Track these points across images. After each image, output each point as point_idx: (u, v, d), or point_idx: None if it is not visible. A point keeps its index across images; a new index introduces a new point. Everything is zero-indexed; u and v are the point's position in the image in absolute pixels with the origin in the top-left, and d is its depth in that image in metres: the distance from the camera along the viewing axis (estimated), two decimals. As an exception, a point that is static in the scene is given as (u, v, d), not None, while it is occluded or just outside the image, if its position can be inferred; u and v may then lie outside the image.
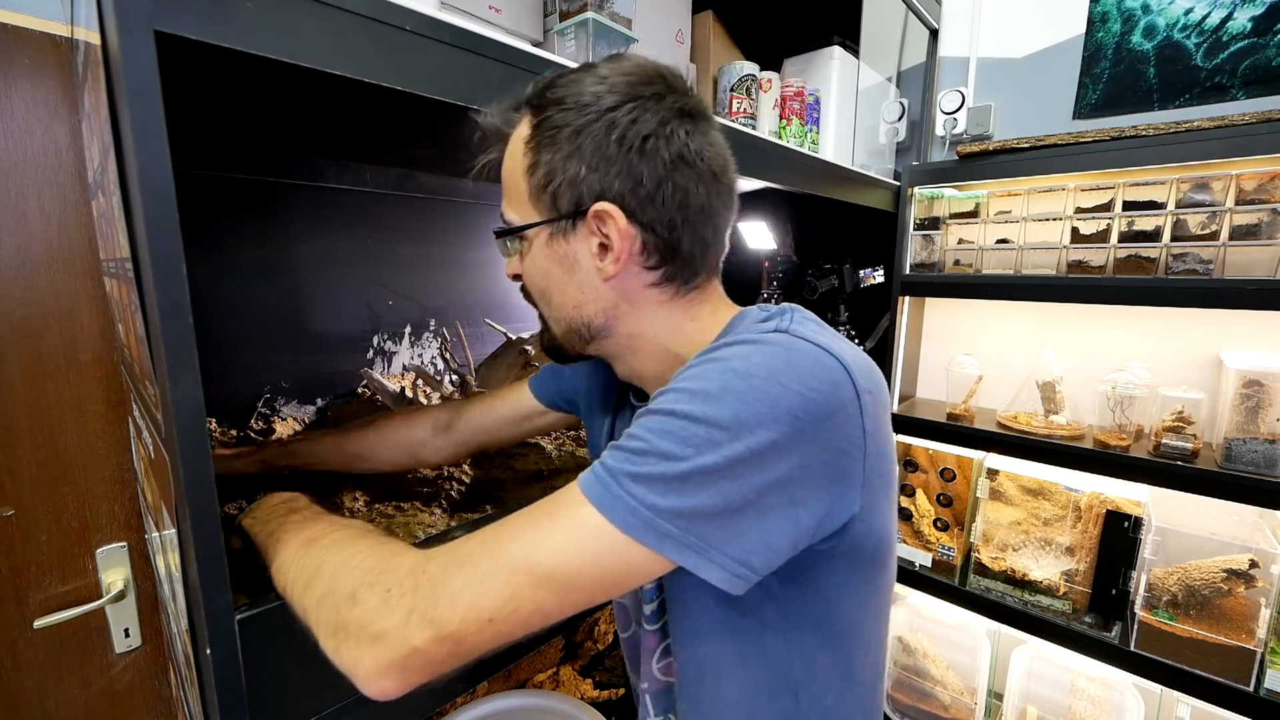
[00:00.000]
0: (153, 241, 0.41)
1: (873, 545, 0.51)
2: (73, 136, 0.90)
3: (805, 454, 0.43)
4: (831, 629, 0.55)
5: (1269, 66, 1.30)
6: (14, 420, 0.88)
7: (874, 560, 0.53)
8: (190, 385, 0.43)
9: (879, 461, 0.49)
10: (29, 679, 0.93)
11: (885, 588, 0.58)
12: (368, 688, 0.41)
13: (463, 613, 0.40)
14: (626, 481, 0.42)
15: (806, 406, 0.43)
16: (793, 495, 0.44)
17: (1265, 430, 1.20)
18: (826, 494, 0.45)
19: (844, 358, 0.46)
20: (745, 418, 0.42)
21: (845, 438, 0.45)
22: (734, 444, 0.41)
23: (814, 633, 0.54)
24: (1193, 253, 1.27)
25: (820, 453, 0.44)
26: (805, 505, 0.44)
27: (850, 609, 0.55)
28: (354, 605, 0.42)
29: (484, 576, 0.41)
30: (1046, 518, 1.46)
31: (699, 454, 0.41)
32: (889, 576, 0.58)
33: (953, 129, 1.65)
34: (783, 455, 0.42)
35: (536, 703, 1.07)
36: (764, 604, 0.53)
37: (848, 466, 0.46)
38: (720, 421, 0.42)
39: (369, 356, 1.22)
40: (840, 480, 0.46)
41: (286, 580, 0.49)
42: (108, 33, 0.42)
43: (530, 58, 0.67)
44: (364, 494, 0.85)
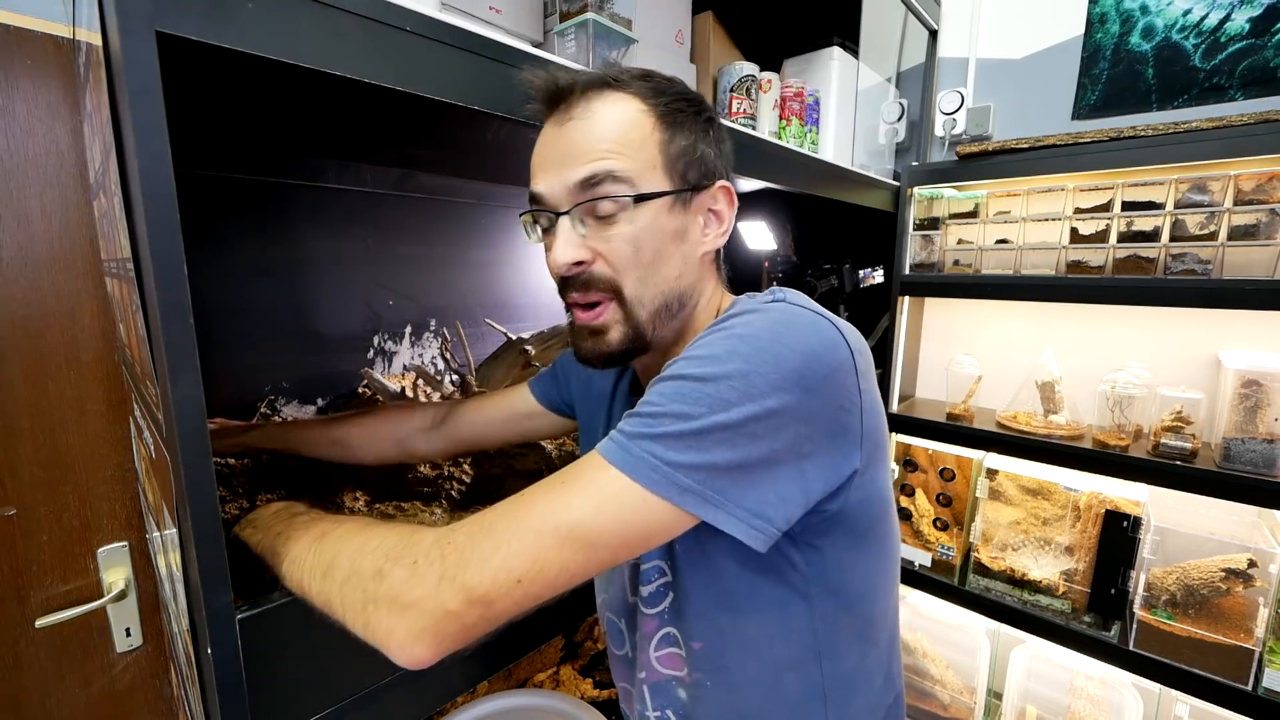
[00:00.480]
0: (154, 242, 0.41)
1: (878, 503, 0.55)
2: (74, 137, 0.90)
3: (810, 410, 0.46)
4: (849, 592, 0.57)
5: (1267, 67, 1.31)
6: (15, 420, 0.88)
7: (880, 519, 0.56)
8: (191, 385, 0.44)
9: (873, 418, 0.52)
10: (30, 678, 0.93)
11: (893, 550, 0.61)
12: (401, 656, 0.42)
13: (492, 575, 0.41)
14: (645, 442, 0.45)
15: (809, 363, 0.46)
16: (799, 449, 0.46)
17: (1264, 430, 1.20)
18: (830, 448, 0.48)
19: (835, 322, 0.51)
20: (753, 377, 0.45)
21: (845, 394, 0.48)
22: (744, 402, 0.44)
23: (834, 597, 0.56)
24: (1191, 253, 1.27)
25: (823, 409, 0.47)
26: (812, 459, 0.47)
27: (865, 570, 0.57)
28: (381, 580, 0.43)
29: (511, 540, 0.43)
30: (1046, 517, 1.47)
31: (711, 412, 0.44)
32: (894, 539, 0.61)
33: (952, 129, 1.65)
34: (789, 411, 0.45)
35: (536, 702, 1.07)
36: (785, 570, 0.55)
37: (847, 422, 0.49)
38: (730, 381, 0.45)
39: (369, 356, 1.22)
40: (842, 435, 0.49)
41: (302, 574, 0.49)
42: (109, 33, 0.42)
43: (530, 58, 0.67)
44: (364, 494, 0.85)
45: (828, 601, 0.56)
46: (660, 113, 0.55)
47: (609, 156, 0.53)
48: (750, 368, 0.45)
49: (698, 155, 0.57)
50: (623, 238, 0.54)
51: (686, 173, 0.56)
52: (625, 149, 0.54)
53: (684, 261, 0.58)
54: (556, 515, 0.43)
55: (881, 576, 0.60)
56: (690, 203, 0.57)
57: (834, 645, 0.58)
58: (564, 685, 1.35)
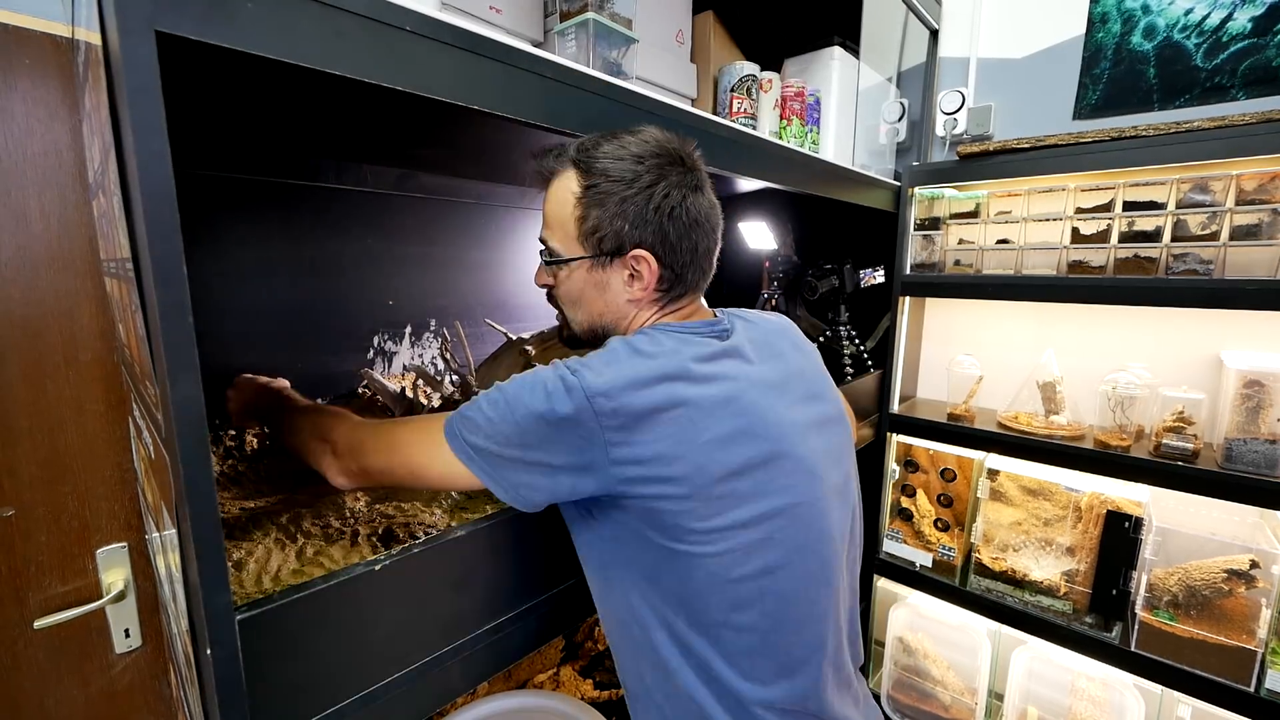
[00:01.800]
0: (153, 241, 0.41)
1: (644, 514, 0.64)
2: (73, 137, 0.90)
3: (538, 444, 0.62)
4: (640, 574, 0.67)
5: (1269, 67, 1.30)
6: (14, 420, 0.88)
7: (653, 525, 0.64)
8: (190, 385, 0.43)
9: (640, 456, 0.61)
10: (29, 679, 0.93)
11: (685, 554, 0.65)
12: (333, 481, 0.70)
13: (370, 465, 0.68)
14: (458, 420, 0.64)
15: (535, 414, 0.61)
16: (538, 465, 0.62)
17: (1266, 430, 1.20)
18: (568, 473, 0.62)
19: (586, 384, 0.61)
20: (512, 405, 0.62)
21: (575, 440, 0.61)
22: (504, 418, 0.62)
23: (625, 571, 0.68)
24: (1193, 253, 1.27)
25: (550, 446, 0.62)
26: (553, 473, 0.63)
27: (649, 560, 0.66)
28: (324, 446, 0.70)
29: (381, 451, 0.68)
30: (1047, 518, 1.46)
31: (489, 413, 0.63)
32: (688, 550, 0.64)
33: (953, 129, 1.65)
34: (525, 438, 0.61)
35: (536, 703, 1.07)
36: (587, 544, 0.71)
37: (583, 460, 0.62)
38: (504, 399, 0.63)
39: (369, 356, 1.22)
40: (579, 467, 0.62)
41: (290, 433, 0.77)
42: (108, 33, 0.42)
43: (530, 58, 0.67)
44: (365, 494, 0.85)
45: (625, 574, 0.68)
46: (582, 195, 0.70)
47: (548, 229, 0.74)
48: (512, 399, 0.62)
49: (610, 230, 0.70)
50: (560, 282, 0.76)
51: (601, 244, 0.70)
52: (557, 225, 0.73)
53: (607, 305, 0.74)
54: (408, 456, 0.66)
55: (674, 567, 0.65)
56: (610, 264, 0.72)
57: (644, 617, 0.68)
58: (564, 686, 1.35)
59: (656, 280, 0.72)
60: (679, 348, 0.66)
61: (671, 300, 0.75)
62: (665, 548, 0.64)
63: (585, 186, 0.70)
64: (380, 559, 0.59)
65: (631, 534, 0.65)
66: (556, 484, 0.63)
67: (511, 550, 0.73)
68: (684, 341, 0.68)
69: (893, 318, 1.68)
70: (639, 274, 0.72)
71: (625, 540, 0.66)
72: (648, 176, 0.69)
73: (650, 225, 0.70)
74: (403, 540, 0.74)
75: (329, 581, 0.55)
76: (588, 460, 0.62)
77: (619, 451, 0.61)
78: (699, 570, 0.64)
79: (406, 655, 0.63)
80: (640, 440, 0.61)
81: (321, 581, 0.55)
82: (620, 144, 0.70)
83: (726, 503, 0.64)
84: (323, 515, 0.79)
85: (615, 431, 0.61)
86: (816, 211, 1.80)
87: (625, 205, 0.69)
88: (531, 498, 0.64)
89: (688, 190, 0.72)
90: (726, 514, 0.64)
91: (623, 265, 0.71)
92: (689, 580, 0.65)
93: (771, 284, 1.75)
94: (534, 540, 0.75)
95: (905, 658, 1.72)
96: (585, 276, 0.73)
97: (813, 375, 0.80)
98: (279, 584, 0.65)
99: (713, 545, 0.64)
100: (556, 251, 0.73)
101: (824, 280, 1.64)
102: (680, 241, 0.71)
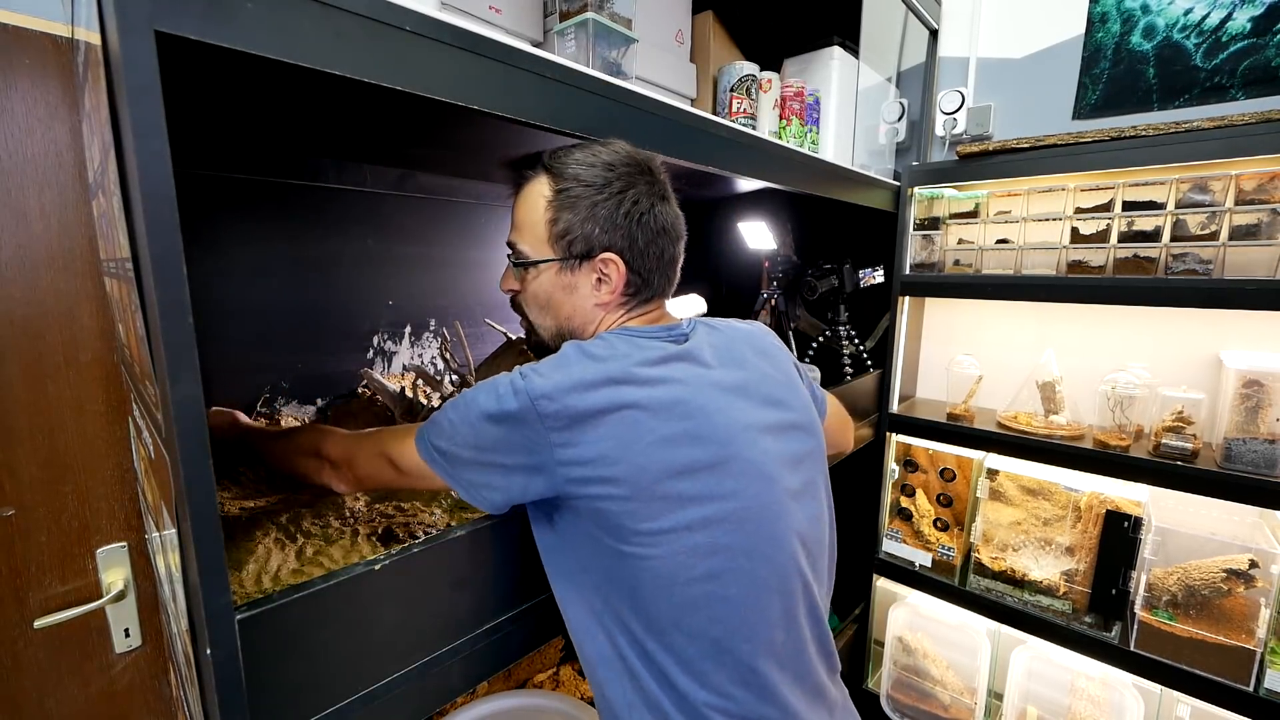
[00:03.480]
0: (153, 241, 0.41)
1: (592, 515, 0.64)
2: (73, 136, 0.90)
3: (490, 446, 0.64)
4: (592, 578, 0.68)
5: (1268, 67, 1.30)
6: (14, 420, 0.88)
7: (601, 527, 0.64)
8: (190, 385, 0.43)
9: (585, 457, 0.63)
10: (29, 679, 0.93)
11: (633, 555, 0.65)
12: (335, 489, 0.75)
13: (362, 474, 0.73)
14: (426, 425, 0.68)
15: (486, 418, 0.64)
16: (492, 466, 0.65)
17: (1265, 430, 1.20)
18: (521, 474, 0.64)
19: (532, 386, 0.63)
20: (466, 410, 0.65)
21: (530, 439, 0.63)
22: (461, 422, 0.65)
23: (581, 574, 0.69)
24: (1192, 253, 1.27)
25: (500, 449, 0.64)
26: (508, 474, 0.64)
27: (602, 563, 0.66)
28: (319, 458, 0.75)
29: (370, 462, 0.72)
30: (1046, 518, 1.46)
31: (450, 416, 0.66)
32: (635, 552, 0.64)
33: (952, 129, 1.65)
34: (478, 441, 0.64)
35: (536, 703, 1.07)
36: (546, 547, 0.72)
37: (531, 461, 0.64)
38: (463, 404, 0.66)
39: (369, 356, 1.22)
40: (528, 469, 0.64)
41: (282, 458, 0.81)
42: (108, 33, 0.42)
43: (530, 58, 0.67)
44: (365, 493, 0.85)
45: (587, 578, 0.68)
46: (555, 197, 0.72)
47: (517, 232, 0.76)
48: (467, 404, 0.65)
49: (580, 233, 0.72)
50: (527, 285, 0.77)
51: (570, 247, 0.72)
52: (527, 227, 0.74)
53: (574, 309, 0.76)
54: (390, 460, 0.70)
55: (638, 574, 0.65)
56: (579, 268, 0.74)
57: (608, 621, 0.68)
58: (564, 686, 1.35)
59: (624, 284, 0.74)
60: (630, 351, 0.68)
61: (638, 305, 0.77)
62: (614, 549, 0.64)
63: (557, 190, 0.72)
64: (380, 559, 0.59)
65: (585, 536, 0.66)
66: (510, 484, 0.65)
67: (511, 550, 0.73)
68: (636, 346, 0.69)
69: (892, 318, 1.68)
70: (607, 277, 0.73)
71: (580, 543, 0.67)
72: (619, 183, 0.72)
73: (620, 230, 0.72)
74: (402, 540, 0.74)
75: (329, 581, 0.55)
76: (536, 461, 0.64)
77: (563, 453, 0.63)
78: (645, 573, 0.64)
79: (406, 655, 0.63)
80: (583, 440, 0.63)
81: (321, 581, 0.55)
82: (591, 152, 0.73)
83: (669, 504, 0.64)
84: (323, 515, 0.79)
85: (559, 432, 0.62)
86: (816, 211, 1.80)
87: (596, 209, 0.71)
88: (490, 497, 0.66)
89: (656, 199, 0.74)
90: (670, 515, 0.64)
91: (591, 269, 0.73)
92: (638, 584, 0.65)
93: (771, 284, 1.75)
94: (533, 540, 0.75)
95: (905, 657, 1.72)
96: (553, 279, 0.75)
97: (776, 382, 0.78)
98: (279, 584, 0.65)
99: (657, 548, 0.63)
100: (525, 254, 0.75)
101: (823, 280, 1.64)
102: (648, 247, 0.74)
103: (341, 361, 1.18)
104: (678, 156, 0.90)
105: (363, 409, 1.12)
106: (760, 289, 1.76)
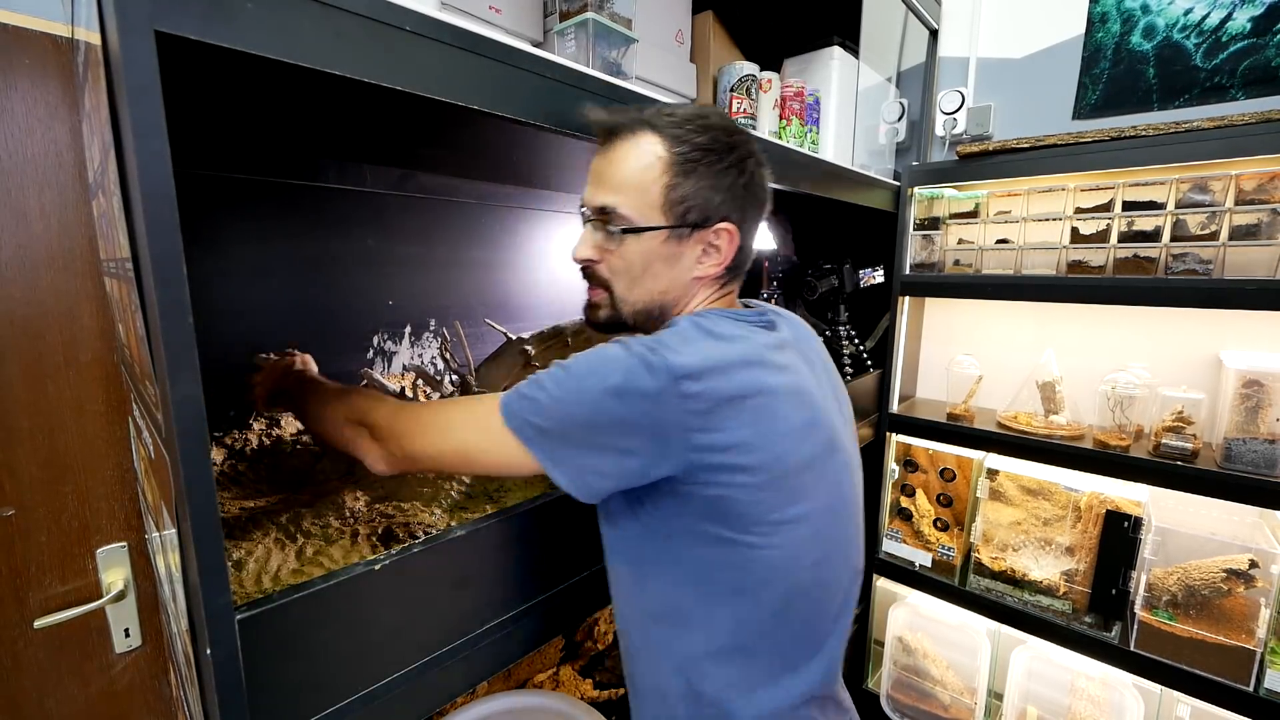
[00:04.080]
0: (153, 241, 0.41)
1: (708, 504, 0.61)
2: (73, 136, 0.90)
3: (618, 423, 0.58)
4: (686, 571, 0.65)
5: (1268, 67, 1.30)
6: (14, 420, 0.88)
7: (716, 517, 0.62)
8: (190, 385, 0.43)
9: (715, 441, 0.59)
10: (29, 679, 0.93)
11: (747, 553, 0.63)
12: (371, 467, 0.67)
13: (419, 450, 0.65)
14: (518, 400, 0.61)
15: (619, 393, 0.58)
16: (611, 447, 0.59)
17: (1265, 430, 1.20)
18: (642, 454, 0.59)
19: (670, 362, 0.58)
20: (585, 383, 0.59)
21: (656, 420, 0.58)
22: (575, 396, 0.59)
23: (672, 568, 0.66)
24: (1192, 253, 1.27)
25: (630, 427, 0.58)
26: (626, 455, 0.59)
27: (702, 555, 0.64)
28: (361, 427, 0.67)
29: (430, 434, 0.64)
30: (1046, 518, 1.46)
31: (556, 393, 0.59)
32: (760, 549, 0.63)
33: (952, 129, 1.65)
34: (603, 418, 0.58)
35: (536, 703, 1.07)
36: (626, 539, 0.68)
37: (660, 441, 0.59)
38: (573, 377, 0.59)
39: (369, 356, 1.22)
40: (653, 448, 0.59)
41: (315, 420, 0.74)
42: (108, 33, 0.42)
43: (530, 58, 0.67)
44: (365, 494, 0.85)
45: (667, 572, 0.66)
46: (674, 160, 0.66)
47: (619, 193, 0.67)
48: (585, 377, 0.59)
49: (700, 200, 0.66)
50: (619, 254, 0.69)
51: (686, 214, 0.66)
52: (634, 189, 0.66)
53: (672, 281, 0.70)
54: (461, 438, 0.63)
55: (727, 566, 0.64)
56: (689, 237, 0.68)
57: (681, 613, 0.66)
58: (564, 686, 1.35)
59: (733, 256, 0.70)
60: (748, 334, 0.65)
61: (728, 282, 0.73)
62: (724, 539, 0.62)
63: (675, 153, 0.66)
64: (380, 559, 0.59)
65: (684, 528, 0.63)
66: (624, 468, 0.60)
67: (511, 550, 0.73)
68: (749, 329, 0.66)
69: (892, 317, 1.68)
70: (716, 249, 0.69)
71: (675, 534, 0.64)
72: (739, 150, 0.68)
73: (737, 200, 0.68)
74: (402, 540, 0.74)
75: (329, 581, 0.55)
76: (663, 444, 0.58)
77: (700, 438, 0.58)
78: (757, 563, 0.63)
79: (406, 655, 0.63)
80: (724, 426, 0.58)
81: (321, 581, 0.55)
82: (701, 115, 0.68)
83: (795, 494, 0.63)
84: (323, 515, 0.79)
85: (698, 416, 0.58)
86: (816, 211, 1.80)
87: (720, 177, 0.67)
88: (597, 485, 0.61)
89: (762, 169, 0.71)
90: (794, 505, 0.63)
91: (700, 239, 0.68)
92: (748, 574, 0.63)
93: (771, 284, 1.75)
94: (534, 540, 0.75)
95: (905, 657, 1.72)
96: (656, 249, 0.68)
97: (836, 374, 0.80)
98: (279, 584, 0.65)
99: (777, 536, 0.62)
100: (628, 218, 0.67)
101: (823, 280, 1.64)
102: (755, 220, 0.71)
103: (341, 361, 1.17)
104: (678, 156, 0.90)
105: (363, 409, 1.12)
106: (760, 289, 1.76)
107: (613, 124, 0.68)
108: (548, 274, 1.49)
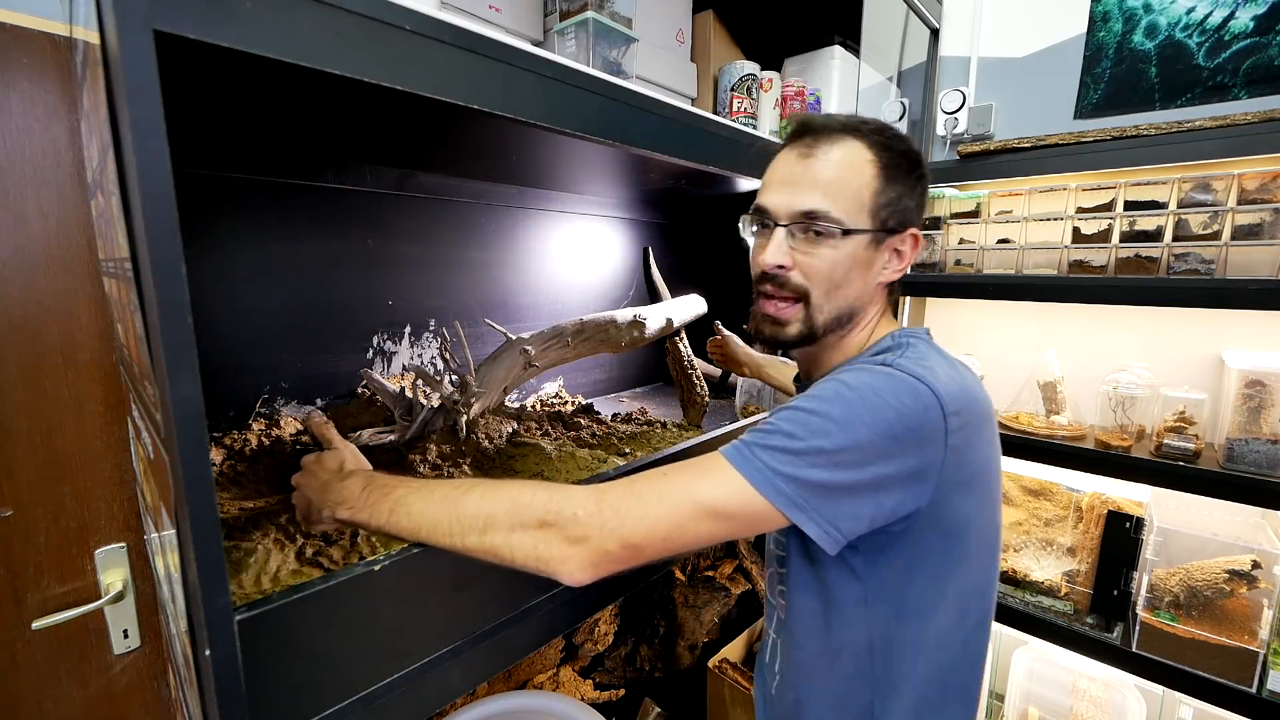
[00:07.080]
0: (152, 241, 0.41)
1: (942, 533, 0.63)
2: (71, 136, 0.90)
3: (894, 454, 0.56)
4: (906, 605, 0.65)
5: (1271, 66, 1.30)
6: (12, 420, 0.88)
7: (946, 546, 0.64)
8: (190, 385, 0.43)
9: (959, 470, 0.61)
10: (27, 680, 0.92)
11: (965, 574, 0.66)
12: (570, 579, 0.56)
13: (646, 531, 0.56)
14: (759, 450, 0.57)
15: (900, 419, 0.56)
16: (878, 484, 0.57)
17: (1267, 430, 1.20)
18: (904, 488, 0.58)
19: (937, 387, 0.58)
20: (850, 419, 0.56)
21: (930, 447, 0.58)
22: (840, 435, 0.56)
23: (890, 605, 0.66)
24: (1194, 252, 1.27)
25: (906, 456, 0.57)
26: (887, 492, 0.58)
27: (924, 587, 0.65)
28: (547, 529, 0.56)
29: (657, 508, 0.56)
30: (1048, 518, 1.46)
31: (813, 438, 0.56)
32: (971, 566, 0.67)
33: (954, 129, 1.64)
34: (877, 452, 0.56)
35: (536, 703, 1.07)
36: (846, 577, 0.67)
37: (925, 470, 0.58)
38: (832, 417, 0.57)
39: (369, 356, 1.22)
40: (917, 479, 0.59)
41: (452, 534, 0.58)
42: (107, 32, 0.42)
43: (530, 57, 0.67)
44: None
45: (885, 609, 0.66)
46: (882, 166, 0.68)
47: (831, 197, 0.67)
48: (850, 412, 0.56)
49: (900, 206, 0.69)
50: (822, 258, 0.68)
51: (887, 219, 0.68)
52: (844, 192, 0.67)
53: (864, 286, 0.71)
54: (693, 495, 0.56)
55: (944, 595, 0.66)
56: (884, 242, 0.70)
57: (887, 648, 0.67)
58: (564, 686, 1.35)
59: (910, 262, 0.73)
60: (954, 358, 0.69)
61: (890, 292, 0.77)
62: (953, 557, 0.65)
63: (886, 159, 0.68)
64: (380, 559, 0.59)
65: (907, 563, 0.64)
66: (879, 505, 0.58)
67: (512, 551, 0.72)
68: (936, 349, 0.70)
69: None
70: (900, 254, 0.72)
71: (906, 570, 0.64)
72: (923, 162, 0.72)
73: (920, 208, 0.72)
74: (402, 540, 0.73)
75: (329, 581, 0.55)
76: (923, 469, 0.58)
77: (951, 458, 0.59)
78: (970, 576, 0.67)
79: (406, 655, 0.63)
80: (969, 451, 0.61)
81: (321, 581, 0.55)
82: (888, 125, 0.71)
83: (993, 505, 0.69)
84: (322, 516, 0.78)
85: (956, 451, 0.59)
86: (817, 211, 1.80)
87: (917, 184, 0.70)
88: (851, 528, 0.58)
89: None
90: (987, 515, 0.68)
91: (889, 245, 0.70)
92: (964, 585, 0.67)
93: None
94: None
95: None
96: (859, 253, 0.69)
97: None
98: (278, 584, 0.64)
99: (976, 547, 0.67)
100: (839, 221, 0.67)
101: (824, 280, 1.64)
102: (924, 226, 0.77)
103: (341, 361, 1.17)
104: (678, 156, 0.90)
105: (362, 409, 1.12)
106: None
107: (819, 125, 0.70)
108: (547, 274, 1.49)
